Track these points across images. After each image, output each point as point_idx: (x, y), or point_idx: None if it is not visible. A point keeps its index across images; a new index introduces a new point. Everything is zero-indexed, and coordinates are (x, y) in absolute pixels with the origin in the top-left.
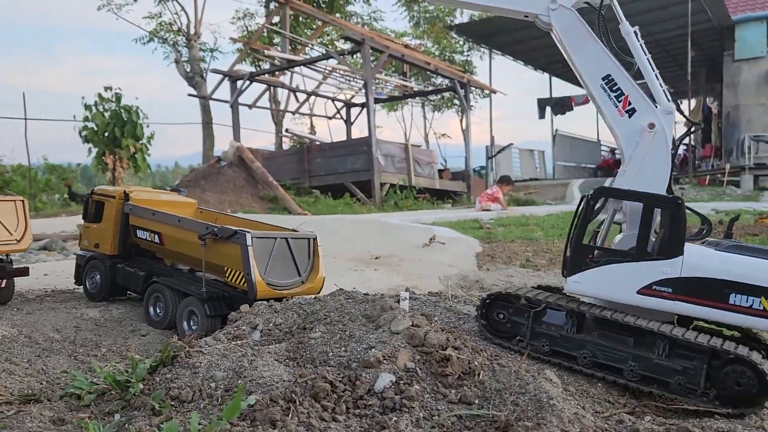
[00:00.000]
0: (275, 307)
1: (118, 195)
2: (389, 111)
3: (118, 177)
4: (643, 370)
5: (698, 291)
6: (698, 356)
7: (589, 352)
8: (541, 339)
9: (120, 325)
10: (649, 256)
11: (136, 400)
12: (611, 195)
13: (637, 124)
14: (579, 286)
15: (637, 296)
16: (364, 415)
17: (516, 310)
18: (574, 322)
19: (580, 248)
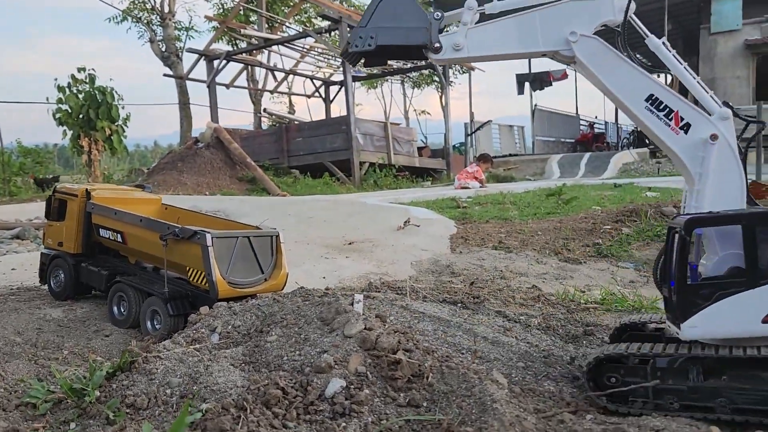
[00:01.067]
0: (234, 309)
1: (80, 193)
2: (369, 88)
3: (94, 159)
4: None
5: None
6: None
7: (726, 400)
8: (668, 396)
9: (83, 326)
10: (764, 279)
11: (92, 408)
12: (706, 224)
13: (696, 139)
14: (697, 331)
15: (764, 325)
16: (314, 421)
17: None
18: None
19: (686, 289)
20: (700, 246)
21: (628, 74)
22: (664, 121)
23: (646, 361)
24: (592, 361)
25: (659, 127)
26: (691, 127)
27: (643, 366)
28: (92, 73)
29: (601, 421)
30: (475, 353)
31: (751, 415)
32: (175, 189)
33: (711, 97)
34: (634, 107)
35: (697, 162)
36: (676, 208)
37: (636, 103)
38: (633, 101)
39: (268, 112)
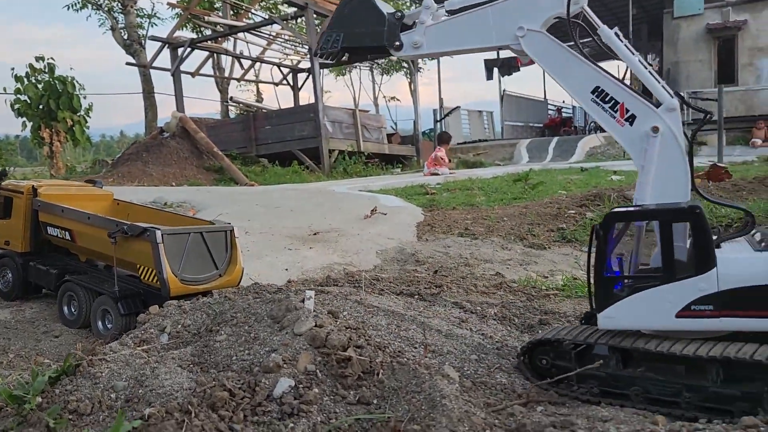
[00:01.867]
0: (184, 307)
1: (26, 190)
2: (337, 75)
3: (56, 151)
4: (700, 400)
5: (743, 302)
6: (757, 377)
7: (640, 389)
8: (590, 382)
9: (32, 326)
10: (679, 275)
11: (33, 416)
12: (623, 219)
13: (640, 131)
14: (613, 321)
15: (677, 320)
16: (261, 423)
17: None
18: (619, 359)
19: (604, 281)
20: (640, 239)
21: (575, 67)
22: (609, 113)
23: (574, 347)
24: (530, 344)
25: (605, 119)
26: (636, 119)
27: (570, 351)
28: (51, 63)
29: (551, 413)
30: (426, 347)
31: (661, 405)
32: (141, 180)
33: (663, 87)
34: (581, 99)
35: (641, 154)
36: None
37: (582, 96)
38: (579, 94)
39: (235, 100)
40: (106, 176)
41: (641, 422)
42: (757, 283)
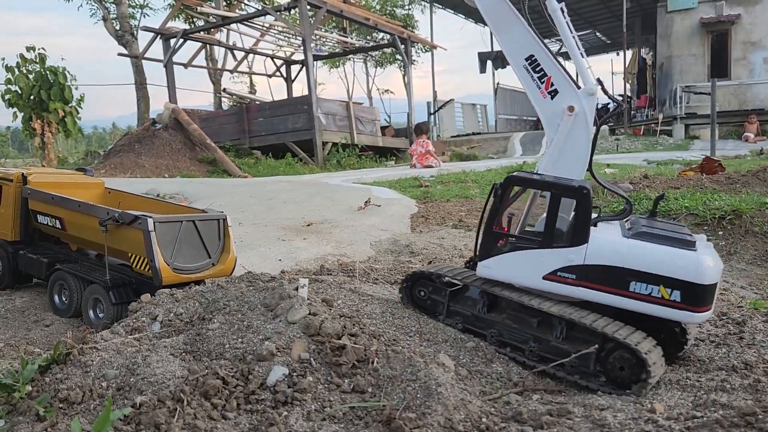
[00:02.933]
0: (177, 296)
1: (15, 178)
2: (331, 67)
3: (48, 142)
4: (542, 351)
5: (600, 278)
6: (592, 340)
7: (496, 332)
8: (456, 317)
9: (23, 316)
10: (556, 243)
11: (22, 404)
12: (521, 184)
13: (559, 107)
14: (489, 271)
15: (543, 282)
16: (254, 411)
17: (435, 288)
18: (486, 302)
19: (491, 234)
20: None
21: (518, 32)
22: (536, 83)
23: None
24: (410, 275)
25: (531, 88)
26: (558, 94)
27: (445, 288)
28: (42, 53)
29: (547, 401)
30: (421, 336)
31: (509, 348)
32: (133, 172)
33: (588, 70)
34: (513, 63)
35: (554, 127)
36: (632, 184)
37: (516, 60)
38: (514, 58)
39: (228, 92)
40: (98, 167)
41: (638, 410)
42: (615, 264)
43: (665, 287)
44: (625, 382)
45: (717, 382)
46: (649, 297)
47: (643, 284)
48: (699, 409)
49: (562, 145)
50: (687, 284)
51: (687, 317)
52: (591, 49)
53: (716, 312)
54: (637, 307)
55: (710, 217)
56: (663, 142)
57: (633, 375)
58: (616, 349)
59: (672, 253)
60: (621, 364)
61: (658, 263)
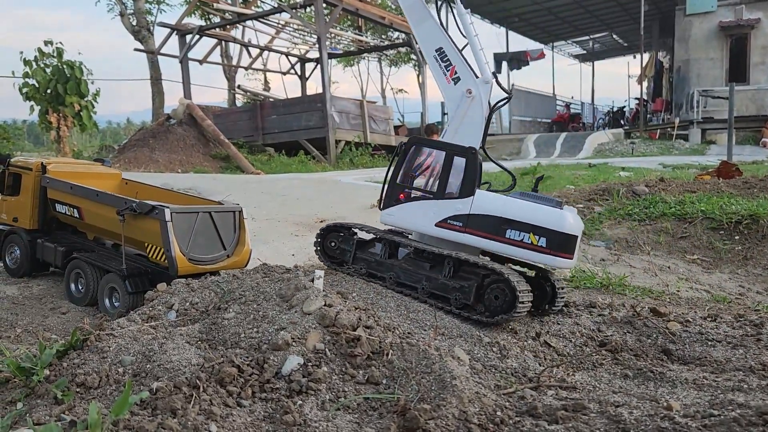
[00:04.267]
0: (192, 286)
1: (35, 167)
2: (345, 66)
3: (63, 136)
4: (432, 288)
5: (482, 226)
6: (473, 277)
7: (395, 274)
8: (361, 263)
9: (39, 303)
10: (448, 195)
11: (40, 387)
12: (421, 144)
13: (459, 90)
14: (391, 218)
15: (435, 228)
16: (269, 399)
17: (344, 239)
18: (387, 250)
19: (394, 186)
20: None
21: (431, 28)
22: (443, 71)
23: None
24: (323, 228)
25: (438, 74)
26: (460, 81)
27: (352, 237)
28: (60, 47)
29: (562, 397)
30: (436, 329)
31: (405, 288)
32: (147, 166)
33: (486, 64)
34: (426, 53)
35: (454, 107)
36: (648, 187)
37: (428, 51)
38: (426, 48)
39: (243, 88)
40: (113, 161)
41: (654, 407)
42: (494, 214)
43: (534, 234)
44: (499, 310)
45: (734, 382)
46: (521, 243)
47: (516, 231)
48: (716, 408)
49: (461, 120)
50: (551, 232)
51: (551, 261)
52: (607, 52)
53: (733, 314)
54: (512, 252)
55: (726, 222)
56: (679, 146)
57: (506, 303)
58: (493, 282)
59: (541, 208)
60: (496, 294)
61: (529, 214)
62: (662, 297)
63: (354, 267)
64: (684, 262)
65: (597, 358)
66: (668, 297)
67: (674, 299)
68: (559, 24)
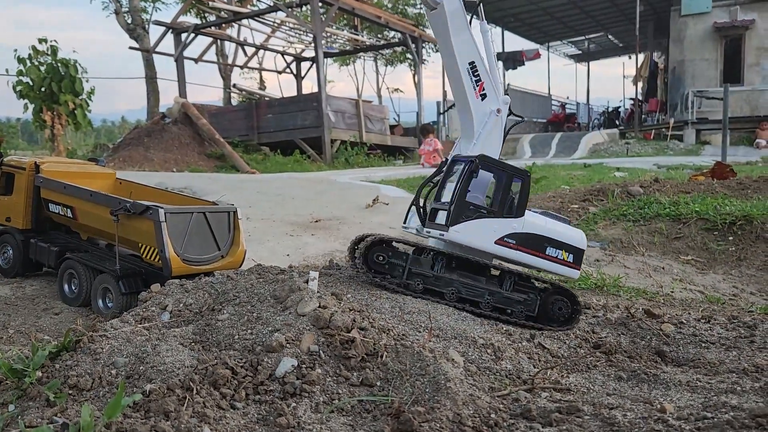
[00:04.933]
0: (186, 287)
1: (28, 167)
2: (341, 65)
3: (57, 134)
4: (496, 302)
5: (530, 243)
6: (533, 291)
7: (455, 289)
8: (416, 278)
9: (32, 303)
10: (507, 214)
11: (32, 389)
12: (492, 166)
13: (487, 108)
14: (458, 235)
15: (494, 246)
16: (263, 401)
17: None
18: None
19: (463, 204)
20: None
21: (468, 39)
22: (473, 85)
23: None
24: (369, 242)
25: (469, 88)
26: (486, 98)
27: (405, 252)
28: (54, 45)
29: (556, 399)
30: (430, 331)
31: (467, 303)
32: (142, 165)
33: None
34: (461, 65)
35: (482, 124)
36: (642, 188)
37: (463, 63)
38: (462, 61)
39: (238, 87)
40: (108, 160)
41: (648, 410)
42: (540, 233)
43: (566, 251)
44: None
45: (728, 384)
46: (556, 258)
47: (554, 249)
48: (709, 410)
49: (487, 139)
50: (576, 249)
51: (572, 273)
52: (603, 52)
53: (727, 315)
54: (549, 267)
55: (721, 222)
56: (674, 146)
57: (569, 313)
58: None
59: (569, 228)
60: (559, 306)
61: (562, 233)
62: (656, 298)
63: (408, 283)
64: (678, 263)
65: (591, 360)
66: (662, 298)
67: (668, 300)
68: (555, 24)
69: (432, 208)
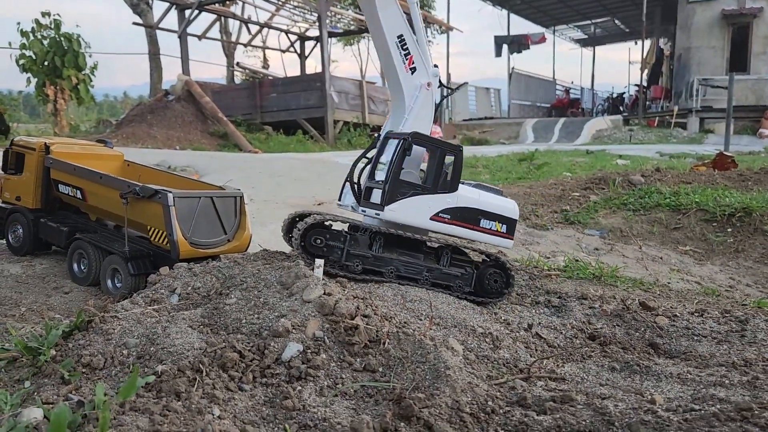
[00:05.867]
0: (194, 270)
1: (38, 147)
2: (345, 45)
3: (60, 109)
4: (435, 279)
5: (464, 217)
6: (469, 265)
7: (394, 268)
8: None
9: (43, 282)
10: (440, 190)
11: (47, 367)
12: (425, 142)
13: (417, 81)
14: (393, 214)
15: (430, 222)
16: (270, 384)
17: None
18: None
19: (396, 182)
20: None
21: (396, 14)
22: (402, 58)
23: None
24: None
25: (399, 62)
26: (416, 71)
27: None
28: (57, 19)
29: (551, 388)
30: (431, 320)
31: (406, 281)
32: (145, 142)
33: (429, 57)
34: (389, 38)
35: (412, 98)
36: (644, 177)
37: (391, 37)
38: (390, 34)
39: (242, 65)
40: (110, 136)
41: (639, 401)
42: (474, 206)
43: (499, 222)
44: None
45: (717, 377)
46: (491, 230)
47: (488, 221)
48: (697, 402)
49: (419, 113)
50: (509, 219)
51: (507, 244)
52: (609, 37)
53: (720, 309)
54: (484, 238)
55: (720, 214)
56: (677, 134)
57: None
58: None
59: (502, 199)
60: (494, 279)
61: (495, 205)
62: (653, 289)
63: (347, 264)
64: (676, 253)
65: (586, 351)
66: (659, 288)
67: (665, 291)
68: (561, 7)
69: (366, 186)
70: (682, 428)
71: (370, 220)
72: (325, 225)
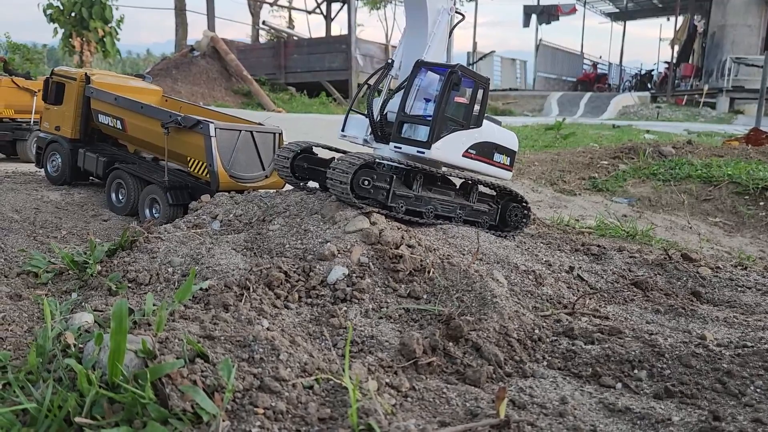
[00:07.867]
0: (236, 199)
1: (79, 77)
2: (372, 9)
3: (86, 61)
4: (467, 216)
5: (483, 151)
6: (492, 200)
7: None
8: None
9: (81, 209)
10: (472, 125)
11: (94, 280)
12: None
13: (441, 4)
14: (439, 152)
15: (462, 158)
16: (315, 304)
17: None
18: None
19: (444, 119)
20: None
21: None
22: None
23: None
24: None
25: None
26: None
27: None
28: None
29: (596, 324)
30: (477, 252)
31: (444, 219)
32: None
33: None
34: None
35: (435, 23)
36: (675, 148)
37: None
38: None
39: (267, 25)
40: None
41: (688, 336)
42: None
43: (506, 155)
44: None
45: (765, 322)
46: (501, 164)
47: (500, 154)
48: (749, 341)
49: (441, 39)
50: (512, 151)
51: (508, 176)
52: (641, 12)
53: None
54: (493, 171)
55: (753, 187)
56: (705, 113)
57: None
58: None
59: (506, 131)
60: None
61: (505, 139)
62: (688, 248)
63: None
64: (706, 224)
65: (628, 294)
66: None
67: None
68: None
69: (399, 120)
70: (735, 362)
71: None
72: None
